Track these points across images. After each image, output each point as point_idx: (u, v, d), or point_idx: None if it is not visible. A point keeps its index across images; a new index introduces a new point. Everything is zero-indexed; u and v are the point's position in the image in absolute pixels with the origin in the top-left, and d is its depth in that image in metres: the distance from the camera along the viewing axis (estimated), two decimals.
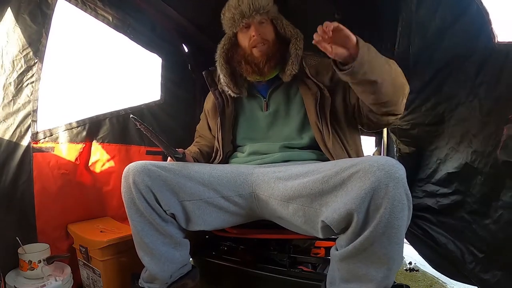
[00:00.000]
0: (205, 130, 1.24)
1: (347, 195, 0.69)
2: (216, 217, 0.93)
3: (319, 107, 0.98)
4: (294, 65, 1.01)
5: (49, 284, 0.95)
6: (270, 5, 1.02)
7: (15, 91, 0.99)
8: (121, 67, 1.58)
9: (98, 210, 1.34)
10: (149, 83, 1.62)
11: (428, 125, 1.25)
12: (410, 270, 1.55)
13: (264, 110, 1.08)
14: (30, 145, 1.06)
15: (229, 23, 1.04)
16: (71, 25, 1.23)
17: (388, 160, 0.68)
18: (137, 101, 1.49)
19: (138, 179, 0.85)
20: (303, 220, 0.80)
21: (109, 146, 1.35)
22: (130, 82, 1.62)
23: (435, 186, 1.22)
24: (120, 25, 1.37)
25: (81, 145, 1.24)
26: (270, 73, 1.04)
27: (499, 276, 0.92)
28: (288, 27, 1.05)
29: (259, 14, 0.99)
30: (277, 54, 1.02)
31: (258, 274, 1.08)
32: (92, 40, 1.42)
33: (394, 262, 0.68)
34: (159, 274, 0.91)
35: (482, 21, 0.91)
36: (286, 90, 1.07)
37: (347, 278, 0.73)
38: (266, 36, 1.02)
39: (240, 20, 1.01)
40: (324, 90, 0.99)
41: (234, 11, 1.01)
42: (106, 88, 1.49)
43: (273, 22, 1.05)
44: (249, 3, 0.98)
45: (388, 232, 0.64)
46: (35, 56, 1.04)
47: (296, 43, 1.03)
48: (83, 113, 1.26)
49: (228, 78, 1.07)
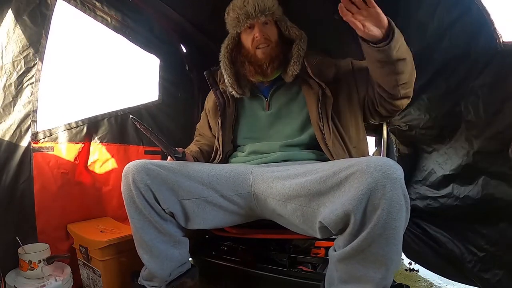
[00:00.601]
0: (205, 129, 1.24)
1: (344, 195, 0.69)
2: (215, 216, 0.93)
3: (320, 106, 0.98)
4: (295, 66, 1.01)
5: (49, 284, 0.96)
6: (275, 7, 1.02)
7: (15, 92, 1.00)
8: (119, 67, 1.58)
9: (98, 210, 1.34)
10: (147, 83, 1.62)
11: (424, 128, 1.25)
12: (410, 270, 1.55)
13: (265, 110, 1.08)
14: (30, 145, 1.07)
15: (233, 23, 1.04)
16: (69, 25, 1.23)
17: (385, 160, 0.68)
18: (135, 102, 1.49)
19: (138, 177, 0.86)
20: (301, 220, 0.80)
21: (108, 146, 1.35)
22: (128, 83, 1.62)
23: (430, 188, 1.22)
24: (118, 26, 1.38)
25: (80, 145, 1.25)
26: (273, 74, 1.05)
27: (500, 276, 0.92)
28: (293, 29, 1.06)
29: (264, 15, 1.00)
30: (280, 55, 1.03)
31: (258, 274, 1.08)
32: (91, 41, 1.42)
33: (392, 263, 0.68)
34: (158, 272, 0.91)
35: (483, 21, 0.91)
36: (288, 89, 1.07)
37: (345, 279, 0.73)
38: (270, 37, 1.02)
39: (245, 20, 1.01)
40: (326, 90, 0.99)
41: (239, 11, 1.01)
42: (104, 88, 1.50)
43: (277, 23, 1.05)
44: (254, 4, 0.99)
45: (386, 233, 0.64)
46: (34, 57, 1.04)
47: (299, 44, 1.04)
48: (82, 113, 1.26)
49: (232, 79, 1.07)
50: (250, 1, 0.99)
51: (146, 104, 1.54)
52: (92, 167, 1.32)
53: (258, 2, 0.99)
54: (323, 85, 0.99)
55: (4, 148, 1.00)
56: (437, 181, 1.20)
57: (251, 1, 0.99)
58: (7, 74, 0.97)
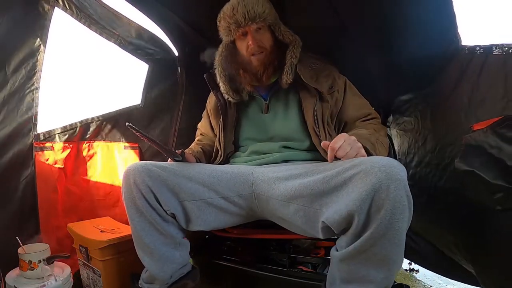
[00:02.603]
0: (207, 129, 1.24)
1: (348, 196, 0.68)
2: (216, 217, 0.93)
3: (316, 111, 0.99)
4: (288, 75, 1.01)
5: (49, 284, 0.95)
6: (267, 12, 0.99)
7: (18, 98, 1.08)
8: (110, 72, 1.61)
9: (97, 210, 1.36)
10: (133, 87, 1.64)
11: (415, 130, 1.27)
12: (410, 270, 1.54)
13: (264, 112, 1.08)
14: (32, 145, 1.13)
15: (225, 32, 1.03)
16: (60, 32, 1.24)
17: (389, 161, 0.68)
18: (120, 105, 1.51)
19: (139, 179, 0.86)
20: (303, 220, 0.80)
21: (97, 144, 1.41)
22: (115, 87, 1.65)
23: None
24: (111, 35, 1.38)
25: (76, 145, 1.31)
26: (269, 80, 1.05)
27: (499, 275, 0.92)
28: (287, 33, 1.04)
29: (255, 22, 0.97)
30: (275, 61, 1.02)
31: (258, 274, 1.08)
32: (82, 47, 1.46)
33: (394, 264, 0.68)
34: (159, 274, 0.91)
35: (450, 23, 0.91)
36: (286, 93, 1.07)
37: (347, 279, 0.73)
38: (264, 44, 1.01)
39: (236, 29, 0.99)
40: (323, 95, 0.99)
41: (229, 20, 0.99)
42: (95, 92, 1.55)
43: (271, 27, 1.03)
44: (244, 12, 0.96)
45: (389, 234, 0.64)
46: (35, 66, 1.10)
47: (292, 50, 1.03)
48: (75, 116, 1.34)
49: (227, 86, 1.07)
50: (239, 9, 0.96)
51: (129, 108, 1.54)
52: (82, 164, 1.36)
53: (248, 10, 0.96)
54: (319, 90, 0.99)
55: (8, 148, 1.05)
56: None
57: (240, 9, 0.96)
58: (11, 83, 1.05)
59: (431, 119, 1.12)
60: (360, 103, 1.08)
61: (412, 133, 1.27)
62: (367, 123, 1.05)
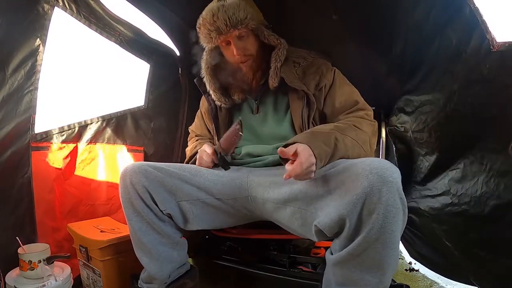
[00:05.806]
0: (204, 131, 1.23)
1: (340, 199, 0.68)
2: (214, 217, 0.94)
3: (303, 113, 0.97)
4: (273, 79, 0.99)
5: (49, 284, 0.96)
6: (249, 17, 0.93)
7: (17, 99, 1.07)
8: (109, 72, 1.59)
9: (99, 215, 1.36)
10: (135, 88, 1.63)
11: (416, 131, 1.25)
12: (410, 270, 1.54)
13: (255, 113, 1.07)
14: (29, 145, 1.12)
15: (206, 39, 0.98)
16: (61, 32, 1.23)
17: (381, 162, 0.67)
18: (122, 107, 1.50)
19: (135, 179, 0.86)
20: (300, 222, 0.80)
21: (96, 145, 1.39)
22: (116, 88, 1.62)
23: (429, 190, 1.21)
24: (112, 34, 1.37)
25: (73, 145, 1.30)
26: (258, 83, 1.04)
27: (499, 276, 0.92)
28: (271, 37, 1.00)
29: (237, 29, 0.92)
30: (262, 64, 1.01)
31: (258, 274, 1.08)
32: (81, 47, 1.44)
33: (389, 267, 0.68)
34: (157, 274, 0.91)
35: (476, 22, 0.90)
36: (275, 93, 1.04)
37: (342, 282, 0.73)
38: (249, 51, 0.98)
39: (217, 37, 0.94)
40: (310, 96, 0.96)
41: (210, 28, 0.93)
42: (93, 93, 1.53)
43: (255, 32, 0.98)
44: (225, 19, 0.90)
45: (382, 238, 0.64)
46: (34, 66, 1.10)
47: (277, 53, 0.99)
48: (73, 117, 1.33)
49: (218, 93, 1.05)
50: (219, 15, 0.90)
51: (131, 109, 1.54)
52: (81, 166, 1.35)
53: (229, 16, 0.90)
54: (306, 90, 0.96)
55: (5, 148, 1.05)
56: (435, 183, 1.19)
57: (221, 16, 0.90)
58: (10, 83, 1.04)
59: None
60: (347, 91, 1.01)
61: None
62: (351, 116, 0.96)
